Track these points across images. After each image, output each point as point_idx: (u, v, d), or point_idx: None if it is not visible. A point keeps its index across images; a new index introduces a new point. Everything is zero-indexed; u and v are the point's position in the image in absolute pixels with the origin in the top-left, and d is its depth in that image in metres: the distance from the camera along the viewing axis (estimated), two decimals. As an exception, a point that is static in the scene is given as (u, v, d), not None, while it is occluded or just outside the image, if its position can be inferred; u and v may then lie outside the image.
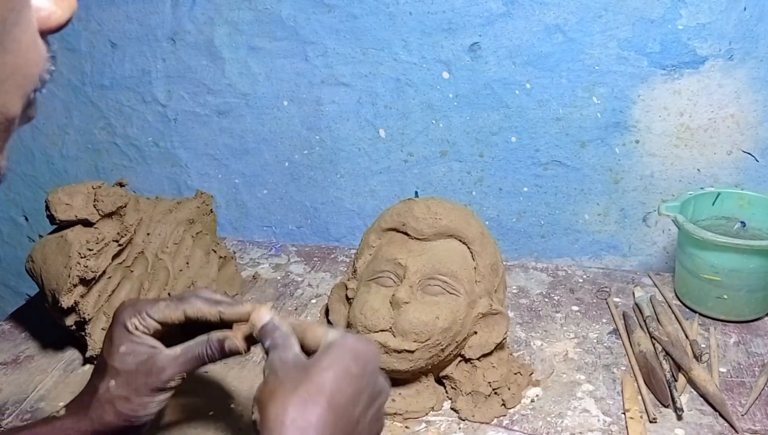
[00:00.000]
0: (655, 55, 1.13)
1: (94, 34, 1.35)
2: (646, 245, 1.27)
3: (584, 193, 1.25)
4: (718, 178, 1.19)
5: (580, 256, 1.30)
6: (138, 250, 1.04)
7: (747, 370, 0.95)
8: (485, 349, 0.90)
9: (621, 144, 1.20)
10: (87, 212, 0.98)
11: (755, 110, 1.14)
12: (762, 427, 0.84)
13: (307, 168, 1.36)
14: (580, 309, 1.11)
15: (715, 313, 1.05)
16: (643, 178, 1.22)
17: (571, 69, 1.17)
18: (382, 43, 1.22)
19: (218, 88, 1.33)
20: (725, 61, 1.12)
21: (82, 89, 1.40)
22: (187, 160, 1.41)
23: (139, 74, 1.36)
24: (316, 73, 1.28)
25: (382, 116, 1.28)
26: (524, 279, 1.20)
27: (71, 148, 1.47)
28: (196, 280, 1.08)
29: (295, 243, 1.38)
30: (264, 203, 1.41)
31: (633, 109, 1.17)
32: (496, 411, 0.88)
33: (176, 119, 1.38)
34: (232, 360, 0.99)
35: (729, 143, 1.17)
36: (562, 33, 1.15)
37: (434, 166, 1.29)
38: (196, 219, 1.12)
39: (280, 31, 1.26)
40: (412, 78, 1.24)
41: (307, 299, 1.16)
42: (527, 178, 1.26)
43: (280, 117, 1.33)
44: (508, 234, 1.31)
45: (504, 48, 1.18)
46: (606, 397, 0.91)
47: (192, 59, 1.32)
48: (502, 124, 1.23)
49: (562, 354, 1.00)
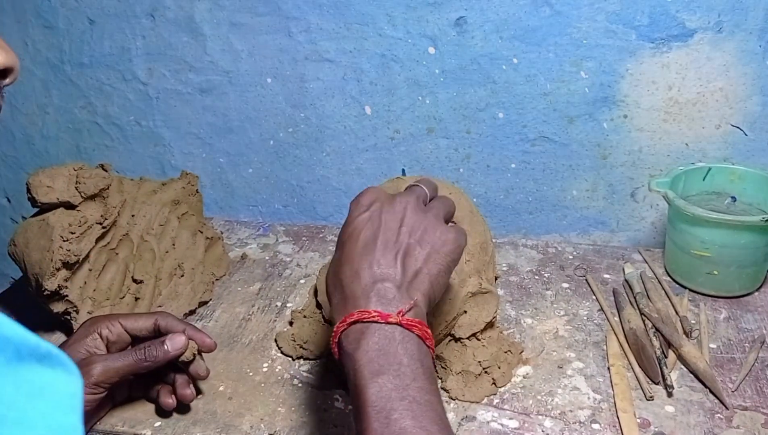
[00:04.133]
0: (644, 29, 1.12)
1: (72, 11, 1.32)
2: (635, 221, 1.26)
3: (572, 168, 1.24)
4: (706, 153, 1.18)
5: (569, 232, 1.30)
6: (122, 233, 1.02)
7: (737, 346, 0.95)
8: (475, 328, 0.89)
9: (609, 119, 1.19)
10: (69, 195, 0.96)
11: (744, 84, 1.13)
12: (752, 404, 0.84)
13: (293, 146, 1.34)
14: (570, 286, 1.10)
15: (705, 289, 1.05)
16: (632, 154, 1.21)
17: (558, 43, 1.16)
18: (367, 18, 1.20)
19: (200, 65, 1.31)
20: (714, 34, 1.11)
21: (60, 67, 1.37)
22: (171, 139, 1.39)
23: (119, 52, 1.34)
24: (299, 50, 1.25)
25: (368, 93, 1.26)
26: (514, 256, 1.20)
27: (51, 128, 1.44)
28: (183, 261, 1.07)
29: (283, 222, 1.37)
30: (249, 182, 1.40)
31: (621, 83, 1.16)
32: (486, 390, 0.88)
33: (158, 97, 1.36)
34: (221, 342, 0.99)
35: (718, 117, 1.16)
36: (549, 6, 1.13)
37: (421, 143, 1.28)
38: (181, 199, 1.11)
39: (261, 6, 1.23)
40: (398, 53, 1.22)
41: (295, 279, 1.15)
42: (515, 154, 1.25)
43: (264, 94, 1.31)
44: (495, 211, 1.30)
45: (490, 22, 1.16)
46: (596, 375, 0.91)
47: (172, 36, 1.30)
48: (489, 100, 1.22)
49: (552, 332, 1.00)
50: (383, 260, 0.65)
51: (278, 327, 1.03)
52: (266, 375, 0.93)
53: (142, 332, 0.83)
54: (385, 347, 0.60)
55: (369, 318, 0.62)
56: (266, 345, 0.99)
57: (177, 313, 1.02)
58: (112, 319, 0.83)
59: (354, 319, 0.62)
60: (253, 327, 1.03)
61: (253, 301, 1.09)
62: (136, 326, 0.83)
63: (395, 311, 0.62)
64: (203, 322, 1.05)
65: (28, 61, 1.39)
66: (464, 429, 0.82)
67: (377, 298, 0.63)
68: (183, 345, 0.80)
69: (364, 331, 0.61)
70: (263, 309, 1.07)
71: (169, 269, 1.05)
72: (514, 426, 0.83)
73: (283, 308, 1.07)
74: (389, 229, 0.67)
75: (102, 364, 0.77)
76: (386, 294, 0.63)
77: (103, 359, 0.77)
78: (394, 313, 0.62)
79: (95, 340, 0.81)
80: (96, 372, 0.76)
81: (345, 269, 0.66)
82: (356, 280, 0.64)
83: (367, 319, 0.62)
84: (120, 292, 1.01)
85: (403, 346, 0.61)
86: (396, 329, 0.61)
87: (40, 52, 1.37)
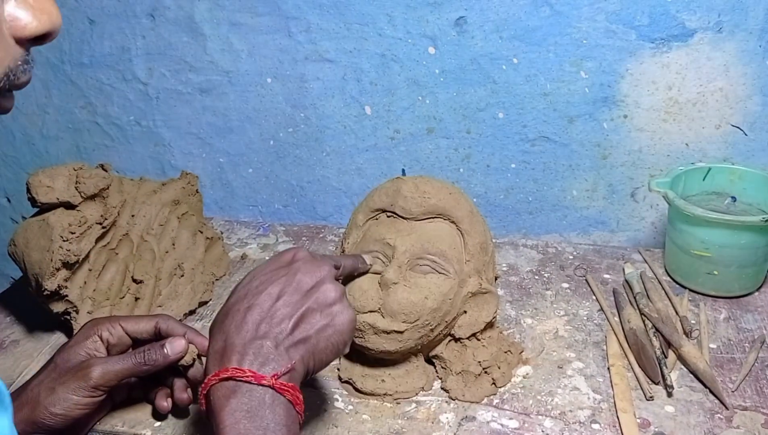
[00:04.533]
0: (644, 29, 1.12)
1: (72, 10, 1.32)
2: (635, 221, 1.26)
3: (572, 168, 1.24)
4: (706, 153, 1.18)
5: (569, 232, 1.29)
6: (122, 232, 1.02)
7: (737, 346, 0.95)
8: (475, 328, 0.89)
9: (609, 119, 1.19)
10: (69, 194, 0.96)
11: (744, 83, 1.13)
12: (752, 404, 0.84)
13: (293, 146, 1.34)
14: (570, 286, 1.10)
15: (705, 289, 1.05)
16: (632, 153, 1.21)
17: (558, 43, 1.15)
18: (367, 17, 1.20)
19: (200, 65, 1.31)
20: (714, 34, 1.11)
21: (61, 67, 1.37)
22: (170, 139, 1.39)
23: (119, 52, 1.33)
24: (299, 50, 1.25)
25: (368, 93, 1.26)
26: (514, 256, 1.20)
27: (52, 128, 1.44)
28: (183, 261, 1.07)
29: (283, 222, 1.37)
30: (249, 182, 1.40)
31: (621, 83, 1.16)
32: (486, 390, 0.88)
33: (158, 97, 1.36)
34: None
35: (718, 117, 1.16)
36: (549, 6, 1.13)
37: (421, 143, 1.28)
38: (181, 199, 1.11)
39: (261, 6, 1.23)
40: (398, 53, 1.22)
41: (294, 279, 1.15)
42: (515, 154, 1.25)
43: (264, 94, 1.31)
44: (495, 211, 1.30)
45: (490, 22, 1.16)
46: (596, 375, 0.91)
47: (172, 36, 1.30)
48: (489, 100, 1.22)
49: (552, 332, 1.00)
50: (275, 318, 0.65)
51: (278, 327, 1.02)
52: (266, 375, 0.93)
53: (142, 335, 0.83)
54: (253, 410, 0.60)
55: (243, 377, 0.61)
56: (266, 345, 0.99)
57: (177, 313, 1.02)
58: (112, 322, 0.83)
59: (227, 376, 0.61)
60: (253, 327, 1.03)
61: (253, 301, 1.09)
62: (137, 329, 0.83)
63: (270, 373, 0.62)
64: (203, 322, 1.05)
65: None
66: (464, 429, 0.82)
67: (254, 356, 0.62)
68: (183, 349, 0.80)
69: (236, 389, 0.61)
70: (263, 309, 1.07)
71: (169, 269, 1.05)
72: (514, 426, 0.83)
73: (283, 308, 1.07)
74: (299, 289, 0.67)
75: (101, 366, 0.76)
76: (264, 353, 0.63)
77: (102, 362, 0.77)
78: (269, 375, 0.61)
79: (95, 342, 0.81)
80: (95, 375, 0.76)
81: (233, 318, 0.66)
82: (239, 333, 0.64)
83: (240, 377, 0.61)
84: (120, 292, 1.01)
85: (272, 410, 0.60)
86: (267, 392, 0.61)
87: (40, 52, 1.37)
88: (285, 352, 0.64)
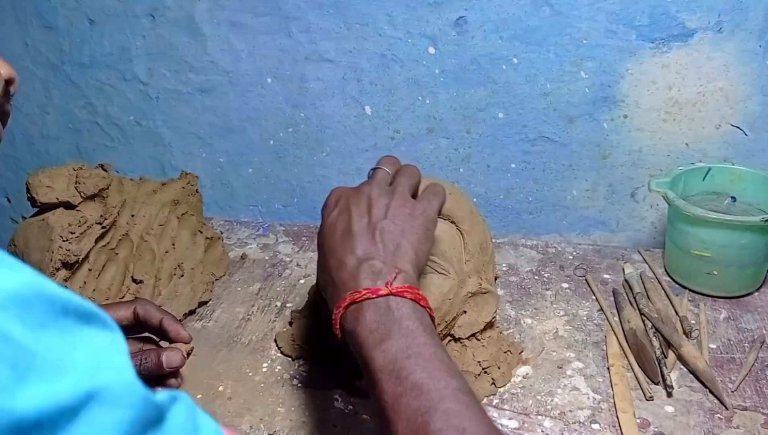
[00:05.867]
0: (644, 29, 1.12)
1: (72, 11, 1.32)
2: (635, 221, 1.26)
3: (572, 168, 1.24)
4: (706, 153, 1.18)
5: (569, 232, 1.29)
6: (122, 233, 1.02)
7: (737, 346, 0.95)
8: (475, 328, 0.89)
9: (609, 119, 1.19)
10: (68, 194, 0.96)
11: (744, 83, 1.13)
12: (752, 404, 0.84)
13: (293, 146, 1.34)
14: (570, 286, 1.10)
15: (705, 289, 1.05)
16: (632, 153, 1.21)
17: (558, 43, 1.16)
18: (367, 17, 1.20)
19: (200, 65, 1.31)
20: (714, 34, 1.11)
21: (61, 68, 1.37)
22: (171, 139, 1.39)
23: (119, 52, 1.34)
24: (299, 50, 1.25)
25: (368, 93, 1.26)
26: (514, 256, 1.19)
27: (52, 128, 1.44)
28: (183, 261, 1.07)
29: (283, 222, 1.36)
30: (250, 182, 1.40)
31: (621, 83, 1.16)
32: (486, 390, 0.88)
33: (158, 97, 1.36)
34: (221, 342, 0.99)
35: (718, 117, 1.16)
36: (549, 6, 1.13)
37: (421, 143, 1.28)
38: (181, 199, 1.11)
39: (261, 6, 1.23)
40: (398, 53, 1.22)
41: (295, 280, 1.15)
42: (515, 154, 1.25)
43: (264, 94, 1.31)
44: (496, 211, 1.30)
45: (491, 22, 1.16)
46: (596, 375, 0.91)
47: (173, 36, 1.30)
48: (489, 100, 1.22)
49: (552, 332, 0.99)
50: (362, 243, 0.69)
51: (278, 327, 1.03)
52: (266, 375, 0.93)
53: (122, 322, 0.82)
54: (382, 317, 0.63)
55: (361, 297, 0.64)
56: (266, 345, 0.99)
57: (177, 313, 1.02)
58: None
59: (348, 302, 0.65)
60: (253, 327, 1.03)
61: (253, 301, 1.09)
62: (116, 316, 0.81)
63: (383, 284, 0.65)
64: (203, 322, 1.05)
65: (28, 61, 1.39)
66: (464, 429, 0.82)
67: (365, 275, 0.66)
68: (179, 363, 0.79)
69: (360, 309, 0.64)
70: (263, 309, 1.07)
71: (168, 269, 1.05)
72: (514, 426, 0.83)
73: (283, 308, 1.07)
74: (360, 216, 0.71)
75: None
76: (373, 269, 0.66)
77: None
78: (383, 286, 0.65)
79: None
80: None
81: (330, 263, 0.70)
82: (342, 268, 0.68)
83: (359, 298, 0.64)
84: (120, 292, 1.00)
85: (399, 311, 0.63)
86: (389, 299, 0.64)
87: (40, 52, 1.37)
88: (391, 263, 0.67)
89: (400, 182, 0.76)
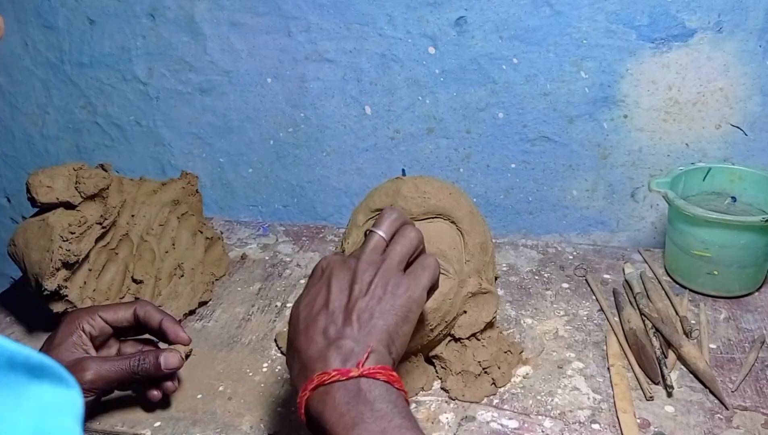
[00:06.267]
0: (644, 29, 1.12)
1: (72, 10, 1.32)
2: (635, 221, 1.26)
3: (572, 168, 1.24)
4: (706, 153, 1.18)
5: (569, 232, 1.29)
6: (122, 233, 1.02)
7: (737, 346, 0.95)
8: (475, 328, 0.89)
9: (609, 119, 1.19)
10: (68, 194, 0.96)
11: (744, 83, 1.13)
12: (752, 404, 0.84)
13: (293, 146, 1.34)
14: (570, 286, 1.10)
15: (705, 289, 1.05)
16: (632, 153, 1.21)
17: (558, 43, 1.15)
18: (367, 17, 1.20)
19: (200, 65, 1.31)
20: (714, 34, 1.11)
21: (60, 67, 1.37)
22: (170, 139, 1.39)
23: (119, 51, 1.33)
24: (299, 50, 1.25)
25: (368, 93, 1.26)
26: (514, 256, 1.19)
27: (52, 128, 1.44)
28: (183, 261, 1.07)
29: (283, 222, 1.37)
30: (250, 182, 1.40)
31: (621, 83, 1.16)
32: (486, 390, 0.88)
33: (158, 97, 1.36)
34: (221, 342, 0.99)
35: (718, 117, 1.16)
36: (549, 6, 1.13)
37: (421, 143, 1.28)
38: (181, 199, 1.11)
39: (261, 6, 1.23)
40: (398, 53, 1.22)
41: (295, 279, 1.15)
42: (515, 154, 1.25)
43: (264, 94, 1.31)
44: (496, 211, 1.30)
45: (490, 22, 1.16)
46: (596, 375, 0.91)
47: (172, 36, 1.30)
48: (489, 100, 1.22)
49: (552, 332, 0.99)
50: (336, 322, 0.64)
51: (278, 327, 1.03)
52: (266, 375, 0.93)
53: (122, 323, 0.83)
54: (352, 400, 0.59)
55: (330, 379, 0.60)
56: (266, 345, 0.99)
57: (177, 313, 1.02)
58: (91, 313, 0.82)
59: (315, 384, 0.61)
60: (253, 327, 1.03)
61: (253, 301, 1.09)
62: (116, 318, 0.82)
63: (355, 365, 0.61)
64: (203, 322, 1.05)
65: (28, 61, 1.39)
66: (464, 429, 0.82)
67: (335, 355, 0.61)
68: (178, 364, 0.80)
69: (328, 391, 0.60)
70: (263, 309, 1.07)
71: (168, 269, 1.05)
72: (514, 426, 0.83)
73: (283, 308, 1.07)
74: (340, 291, 0.66)
75: (95, 370, 0.76)
76: (344, 350, 0.62)
77: (96, 365, 0.76)
78: (353, 367, 0.60)
79: (80, 337, 0.80)
80: (88, 378, 0.75)
81: (300, 340, 0.65)
82: (311, 346, 0.64)
83: (327, 380, 0.60)
84: (120, 292, 1.01)
85: (371, 394, 0.59)
86: (359, 381, 0.60)
87: (40, 52, 1.37)
88: (361, 341, 0.63)
89: (393, 252, 0.69)
